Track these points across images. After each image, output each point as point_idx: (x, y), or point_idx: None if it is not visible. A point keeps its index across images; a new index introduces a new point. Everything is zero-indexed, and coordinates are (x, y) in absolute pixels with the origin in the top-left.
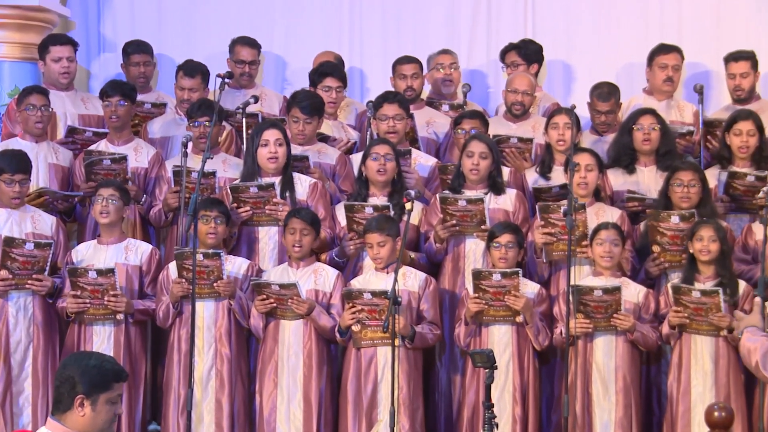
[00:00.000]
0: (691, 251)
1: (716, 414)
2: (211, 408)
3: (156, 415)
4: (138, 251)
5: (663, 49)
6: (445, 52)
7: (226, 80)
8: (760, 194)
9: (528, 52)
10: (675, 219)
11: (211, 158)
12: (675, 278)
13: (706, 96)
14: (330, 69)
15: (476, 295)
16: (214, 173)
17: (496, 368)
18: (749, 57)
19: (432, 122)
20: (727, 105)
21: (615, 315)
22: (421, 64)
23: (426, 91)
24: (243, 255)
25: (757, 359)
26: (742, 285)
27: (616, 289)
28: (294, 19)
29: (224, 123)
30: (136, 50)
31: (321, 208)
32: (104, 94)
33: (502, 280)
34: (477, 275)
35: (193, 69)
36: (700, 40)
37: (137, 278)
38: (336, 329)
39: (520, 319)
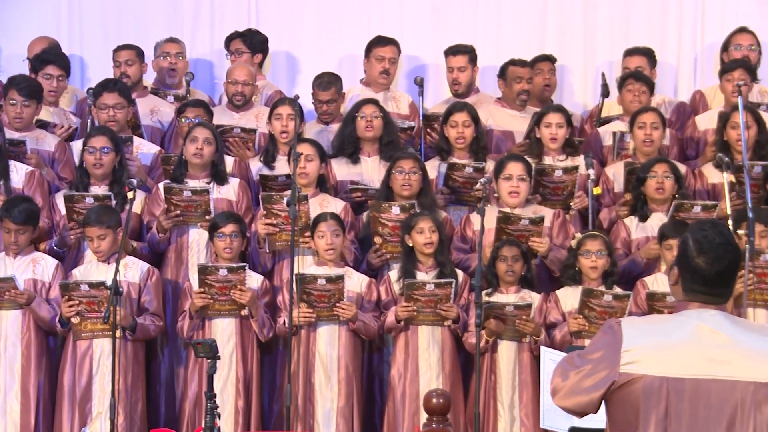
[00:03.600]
0: (410, 244)
1: (434, 401)
2: None
3: None
4: None
5: (380, 41)
6: (171, 40)
7: None
8: (478, 186)
9: (253, 42)
10: (395, 209)
11: None
12: (395, 270)
13: (426, 89)
14: (53, 57)
15: (201, 290)
16: None
17: (218, 358)
18: (468, 51)
19: (156, 110)
20: (447, 98)
21: (338, 304)
22: (139, 51)
23: (149, 80)
24: None
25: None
26: (461, 275)
27: (339, 278)
28: (10, 5)
29: None
30: None
31: (38, 197)
32: None
33: (228, 275)
34: (203, 270)
35: None
36: (421, 33)
37: None
38: (57, 320)
39: (245, 312)
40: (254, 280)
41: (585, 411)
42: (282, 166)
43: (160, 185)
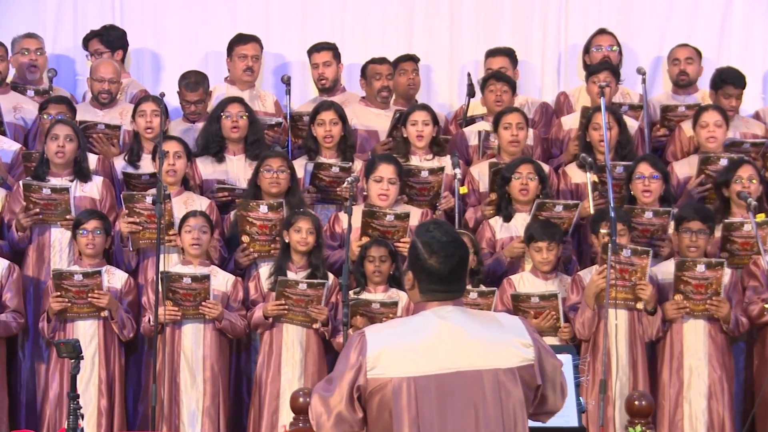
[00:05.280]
0: (287, 240)
1: (301, 400)
2: None
3: None
4: None
5: (241, 39)
6: (30, 36)
7: None
8: (345, 185)
9: (111, 39)
10: (263, 208)
11: None
12: (265, 267)
13: (292, 87)
14: None
15: (58, 294)
16: None
17: (82, 358)
18: (331, 47)
19: (19, 107)
20: (314, 98)
21: (203, 303)
22: (5, 48)
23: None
24: None
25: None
26: (331, 278)
27: (205, 278)
28: None
29: None
30: None
31: None
32: None
33: (84, 280)
34: (58, 276)
35: None
36: (288, 31)
37: None
38: None
39: (105, 314)
40: (118, 278)
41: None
42: (147, 165)
43: (21, 183)
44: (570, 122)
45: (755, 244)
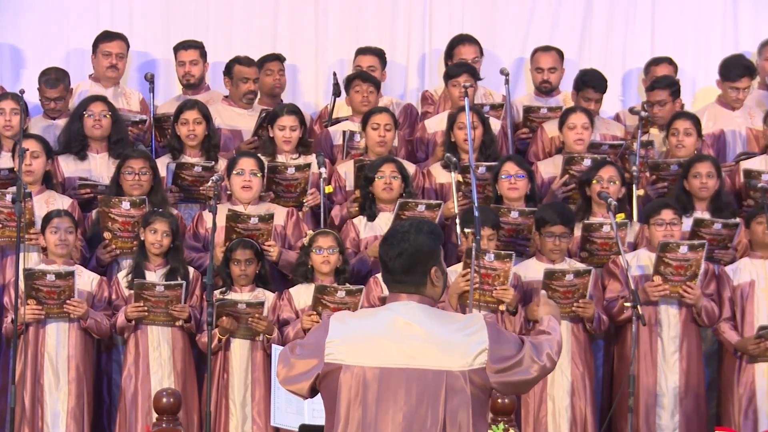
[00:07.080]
0: (143, 238)
1: (164, 400)
2: None
3: None
4: None
5: (106, 36)
6: None
7: None
8: (209, 184)
9: None
10: (125, 205)
11: None
12: (126, 265)
13: (156, 85)
14: None
15: None
16: None
17: None
18: (198, 46)
19: None
20: (178, 95)
21: (68, 301)
22: None
23: None
24: None
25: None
26: (192, 272)
27: (69, 274)
28: None
29: None
30: None
31: None
32: None
33: None
34: None
35: None
36: (151, 29)
37: None
38: None
39: None
40: None
41: (302, 396)
42: (5, 162)
43: None
44: (435, 125)
45: (614, 244)
